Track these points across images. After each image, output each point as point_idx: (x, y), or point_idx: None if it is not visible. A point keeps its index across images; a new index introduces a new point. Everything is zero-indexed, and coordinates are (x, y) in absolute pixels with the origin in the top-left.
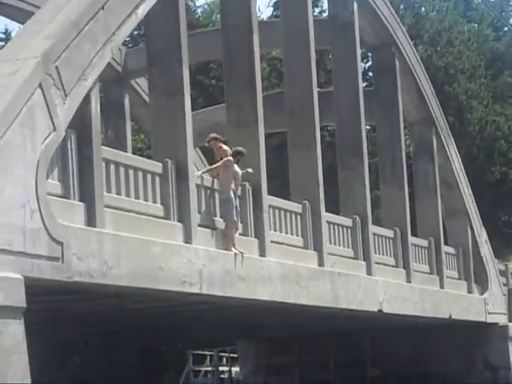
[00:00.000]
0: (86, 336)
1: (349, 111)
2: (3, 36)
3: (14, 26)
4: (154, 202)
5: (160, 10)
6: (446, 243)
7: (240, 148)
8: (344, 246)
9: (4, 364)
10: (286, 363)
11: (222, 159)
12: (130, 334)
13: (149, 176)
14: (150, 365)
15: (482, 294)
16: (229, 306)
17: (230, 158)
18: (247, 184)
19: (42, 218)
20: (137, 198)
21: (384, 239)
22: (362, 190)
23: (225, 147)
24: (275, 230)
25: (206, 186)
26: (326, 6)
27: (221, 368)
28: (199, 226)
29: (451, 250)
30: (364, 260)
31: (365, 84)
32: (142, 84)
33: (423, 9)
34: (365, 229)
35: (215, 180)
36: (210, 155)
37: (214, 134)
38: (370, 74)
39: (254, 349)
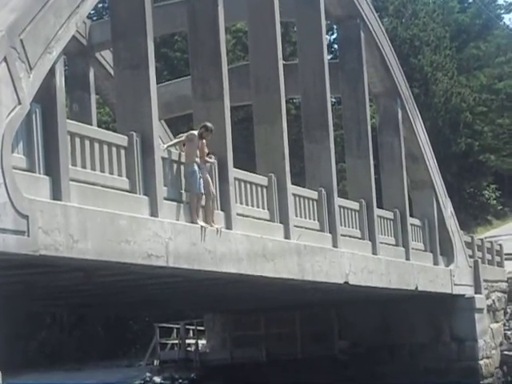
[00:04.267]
0: (52, 310)
1: (314, 84)
2: None
3: None
4: (120, 175)
5: None
6: (411, 215)
7: (207, 123)
8: (310, 219)
9: None
10: (253, 336)
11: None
12: (96, 307)
13: (114, 149)
14: (117, 338)
15: (447, 265)
16: (195, 279)
17: (194, 131)
18: (213, 157)
19: (8, 192)
20: (102, 171)
21: (350, 211)
22: (328, 162)
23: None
24: (241, 203)
25: (172, 159)
26: None
27: (187, 341)
28: (165, 199)
29: (417, 221)
30: (330, 232)
31: (330, 56)
32: (106, 57)
33: None
34: (331, 201)
35: (182, 153)
36: (174, 128)
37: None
38: (336, 46)
39: (221, 322)
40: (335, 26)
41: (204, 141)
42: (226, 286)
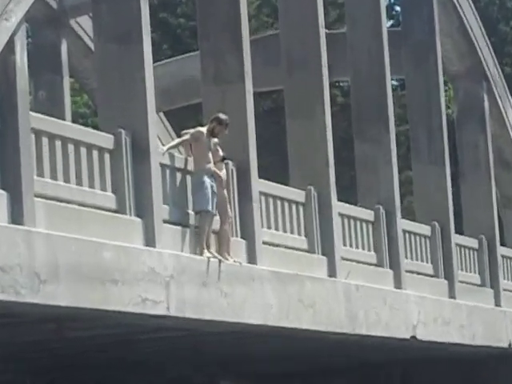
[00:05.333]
0: (16, 376)
1: (368, 61)
2: None
3: None
4: (103, 189)
5: None
6: (502, 243)
7: (221, 115)
8: (363, 249)
9: None
10: None
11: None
12: (70, 370)
13: (95, 153)
14: None
15: None
16: (207, 333)
17: (203, 128)
18: (230, 163)
19: None
20: (79, 183)
21: (418, 238)
22: (388, 169)
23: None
24: (269, 227)
25: (175, 166)
26: None
27: None
28: (165, 222)
29: (511, 252)
30: (391, 268)
31: (390, 23)
32: (84, 25)
33: None
34: (392, 224)
35: (189, 158)
36: (178, 123)
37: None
38: (398, 8)
39: None
40: None
41: (216, 139)
42: (248, 343)
